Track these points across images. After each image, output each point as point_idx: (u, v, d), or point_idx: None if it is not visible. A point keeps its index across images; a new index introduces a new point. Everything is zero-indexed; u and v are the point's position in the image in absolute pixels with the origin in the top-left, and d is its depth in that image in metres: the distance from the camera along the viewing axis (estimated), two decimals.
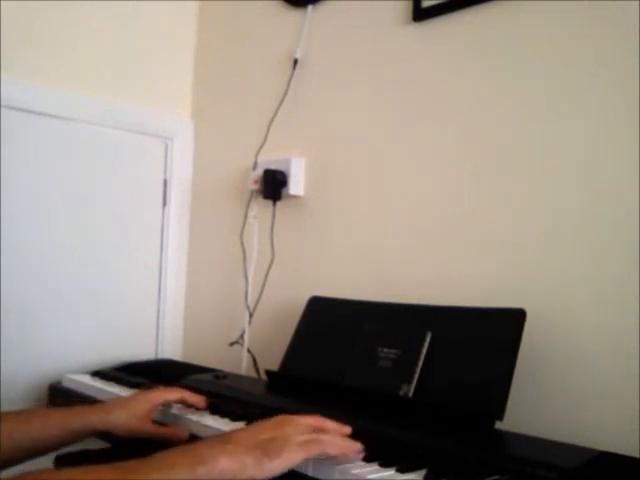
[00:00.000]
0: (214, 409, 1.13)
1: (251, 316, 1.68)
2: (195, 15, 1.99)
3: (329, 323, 1.37)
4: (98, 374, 1.53)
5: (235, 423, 1.05)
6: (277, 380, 1.34)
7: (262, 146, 1.70)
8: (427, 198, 1.38)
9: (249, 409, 1.12)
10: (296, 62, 1.66)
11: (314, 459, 0.83)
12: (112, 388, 1.38)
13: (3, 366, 1.59)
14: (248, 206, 1.74)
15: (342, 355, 1.27)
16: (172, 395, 1.13)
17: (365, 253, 1.49)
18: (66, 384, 1.52)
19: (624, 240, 1.08)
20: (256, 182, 1.69)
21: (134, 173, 1.86)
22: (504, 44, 1.27)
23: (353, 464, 0.85)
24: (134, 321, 1.86)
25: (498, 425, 1.00)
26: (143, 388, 1.29)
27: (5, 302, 1.60)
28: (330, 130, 1.59)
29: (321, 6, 1.64)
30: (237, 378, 1.44)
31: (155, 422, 1.09)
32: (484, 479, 0.81)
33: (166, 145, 1.92)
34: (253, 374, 1.62)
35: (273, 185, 1.63)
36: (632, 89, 1.09)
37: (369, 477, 0.81)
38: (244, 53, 1.85)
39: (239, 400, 1.20)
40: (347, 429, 0.89)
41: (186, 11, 1.97)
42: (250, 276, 1.70)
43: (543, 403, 1.14)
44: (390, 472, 0.83)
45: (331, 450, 0.82)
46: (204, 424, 1.06)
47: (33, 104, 1.66)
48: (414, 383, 1.13)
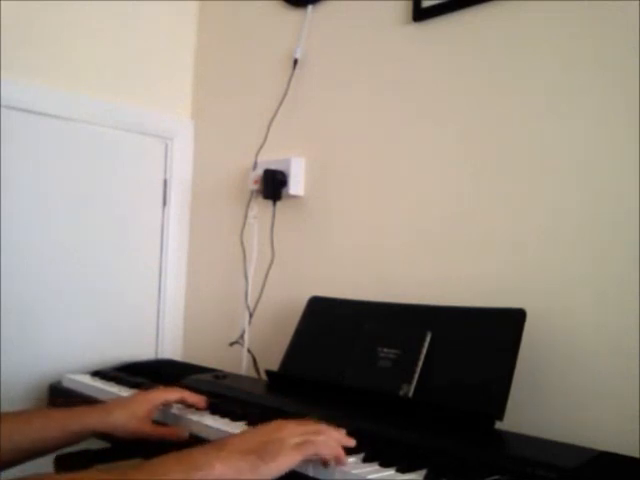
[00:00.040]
0: (214, 409, 1.13)
1: (251, 316, 1.68)
2: (195, 15, 1.99)
3: (329, 323, 1.37)
4: (98, 374, 1.53)
5: (235, 423, 1.05)
6: (277, 380, 1.34)
7: (262, 146, 1.70)
8: (427, 198, 1.38)
9: (249, 409, 1.12)
10: (296, 62, 1.66)
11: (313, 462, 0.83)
12: (112, 388, 1.38)
13: (3, 366, 1.59)
14: (248, 206, 1.74)
15: (342, 355, 1.27)
16: (172, 395, 1.13)
17: (365, 253, 1.49)
18: (66, 384, 1.52)
19: (624, 240, 1.08)
20: (256, 182, 1.69)
21: (134, 173, 1.86)
22: (504, 44, 1.27)
23: (353, 465, 0.85)
24: (134, 321, 1.86)
25: (498, 425, 1.01)
26: (143, 388, 1.29)
27: (5, 302, 1.60)
28: (330, 130, 1.59)
29: (321, 6, 1.64)
30: (237, 378, 1.44)
31: (155, 422, 1.09)
32: (484, 479, 0.81)
33: (166, 145, 1.92)
34: (253, 374, 1.62)
35: (273, 185, 1.63)
36: (632, 89, 1.09)
37: (369, 477, 0.81)
38: (244, 53, 1.85)
39: (239, 400, 1.20)
40: (344, 434, 0.88)
41: (186, 11, 1.97)
42: (250, 276, 1.70)
43: (543, 403, 1.14)
44: (390, 472, 0.83)
45: (325, 451, 0.82)
46: (204, 424, 1.06)
47: (33, 104, 1.66)
48: (414, 383, 1.13)
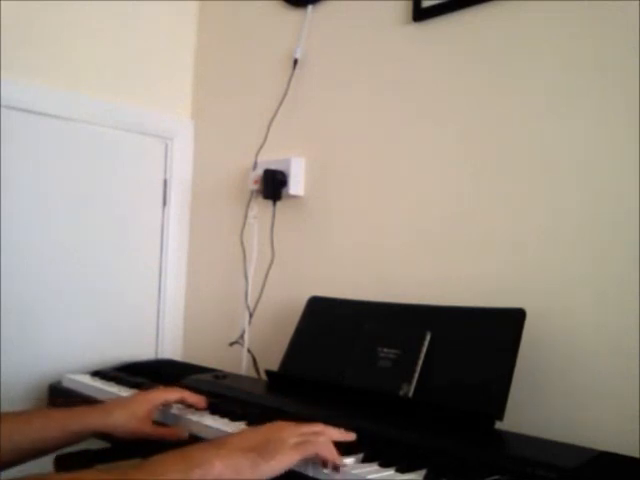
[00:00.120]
0: (214, 409, 1.13)
1: (251, 316, 1.68)
2: (195, 15, 1.99)
3: (329, 323, 1.37)
4: (98, 374, 1.53)
5: (235, 423, 1.05)
6: (277, 380, 1.34)
7: (262, 146, 1.70)
8: (427, 198, 1.38)
9: (249, 409, 1.12)
10: (296, 62, 1.66)
11: (313, 460, 0.83)
12: (112, 388, 1.38)
13: (3, 366, 1.59)
14: (248, 206, 1.74)
15: (342, 355, 1.27)
16: (172, 395, 1.13)
17: (365, 253, 1.49)
18: (66, 384, 1.52)
19: (624, 240, 1.08)
20: (256, 182, 1.69)
21: (134, 173, 1.86)
22: (504, 44, 1.27)
23: (352, 465, 0.85)
24: (134, 321, 1.86)
25: (498, 425, 1.00)
26: (143, 388, 1.29)
27: (5, 302, 1.60)
28: (330, 130, 1.59)
29: (321, 6, 1.64)
30: (237, 378, 1.44)
31: (155, 422, 1.09)
32: (484, 479, 0.81)
33: (166, 145, 1.92)
34: (253, 374, 1.62)
35: (273, 185, 1.63)
36: (632, 89, 1.09)
37: (369, 477, 0.81)
38: (244, 53, 1.85)
39: (239, 400, 1.20)
40: (343, 431, 0.89)
41: (186, 11, 1.97)
42: (250, 276, 1.70)
43: (543, 403, 1.14)
44: (390, 472, 0.83)
45: (324, 452, 0.82)
46: (204, 424, 1.06)
47: (33, 104, 1.66)
48: (414, 383, 1.13)
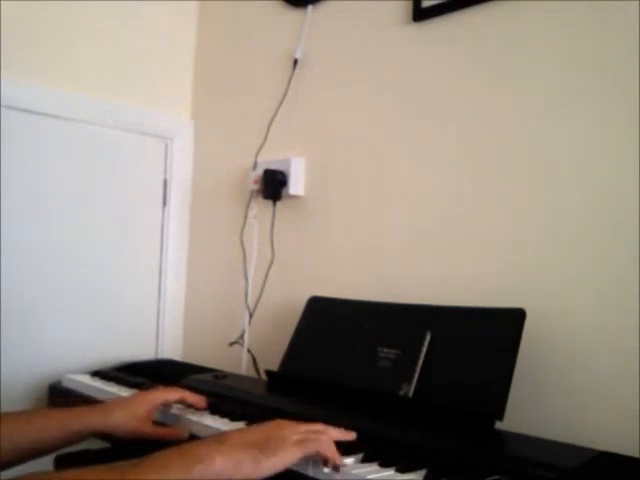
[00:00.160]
0: (214, 409, 1.13)
1: (251, 316, 1.68)
2: (195, 15, 1.99)
3: (329, 323, 1.37)
4: (98, 374, 1.53)
5: (235, 423, 1.05)
6: (277, 380, 1.34)
7: (262, 146, 1.70)
8: (427, 198, 1.38)
9: (249, 409, 1.12)
10: (296, 62, 1.66)
11: (313, 459, 0.83)
12: (112, 388, 1.38)
13: (3, 366, 1.59)
14: (248, 206, 1.74)
15: (342, 355, 1.27)
16: (172, 395, 1.13)
17: (365, 253, 1.49)
18: (66, 384, 1.52)
19: (624, 240, 1.08)
20: (256, 182, 1.69)
21: (134, 173, 1.86)
22: (504, 44, 1.27)
23: (352, 465, 0.85)
24: (134, 321, 1.86)
25: (498, 425, 1.00)
26: (143, 388, 1.29)
27: (5, 302, 1.60)
28: (330, 130, 1.59)
29: (321, 6, 1.64)
30: (237, 378, 1.44)
31: (155, 422, 1.09)
32: (484, 479, 0.81)
33: (166, 145, 1.92)
34: (253, 374, 1.62)
35: (273, 185, 1.63)
36: (632, 89, 1.09)
37: (369, 477, 0.81)
38: (244, 53, 1.85)
39: (239, 400, 1.20)
40: (344, 430, 0.89)
41: (186, 11, 1.97)
42: (250, 276, 1.70)
43: (543, 403, 1.14)
44: (390, 472, 0.83)
45: (326, 451, 0.82)
46: (204, 424, 1.06)
47: (33, 104, 1.66)
48: (414, 383, 1.13)
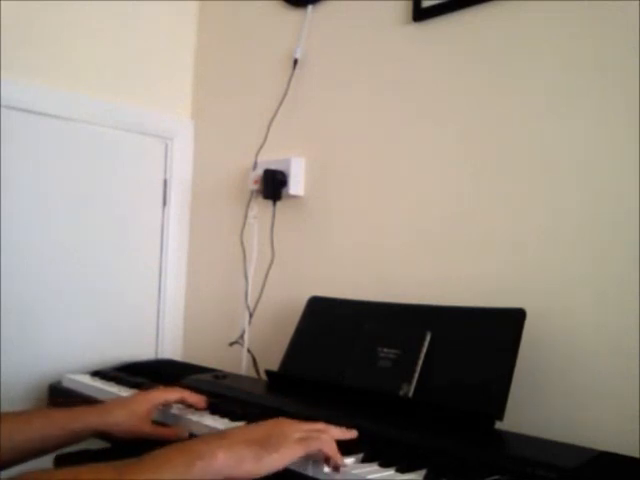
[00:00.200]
0: (214, 409, 1.13)
1: (251, 316, 1.68)
2: (195, 15, 1.99)
3: (329, 323, 1.37)
4: (98, 374, 1.53)
5: (235, 423, 1.05)
6: (277, 380, 1.34)
7: (262, 146, 1.70)
8: (427, 198, 1.38)
9: (249, 409, 1.12)
10: (296, 62, 1.66)
11: (313, 459, 0.83)
12: (112, 388, 1.38)
13: (3, 366, 1.59)
14: (248, 206, 1.74)
15: (342, 355, 1.27)
16: (172, 395, 1.13)
17: (365, 253, 1.49)
18: (66, 384, 1.52)
19: (624, 240, 1.08)
20: (256, 182, 1.69)
21: (134, 173, 1.86)
22: (504, 44, 1.27)
23: (352, 465, 0.85)
24: (134, 321, 1.86)
25: (498, 425, 1.00)
26: (143, 388, 1.29)
27: (5, 302, 1.60)
28: (330, 130, 1.59)
29: (321, 6, 1.64)
30: (237, 378, 1.44)
31: (155, 422, 1.09)
32: (484, 479, 0.81)
33: (166, 145, 1.92)
34: (253, 374, 1.62)
35: (273, 185, 1.63)
36: (632, 89, 1.09)
37: (369, 477, 0.81)
38: (244, 53, 1.85)
39: (239, 400, 1.20)
40: (345, 429, 0.89)
41: (186, 11, 1.97)
42: (250, 276, 1.70)
43: (543, 403, 1.14)
44: (390, 472, 0.83)
45: (328, 449, 0.82)
46: (204, 424, 1.06)
47: (33, 104, 1.66)
48: (414, 383, 1.13)
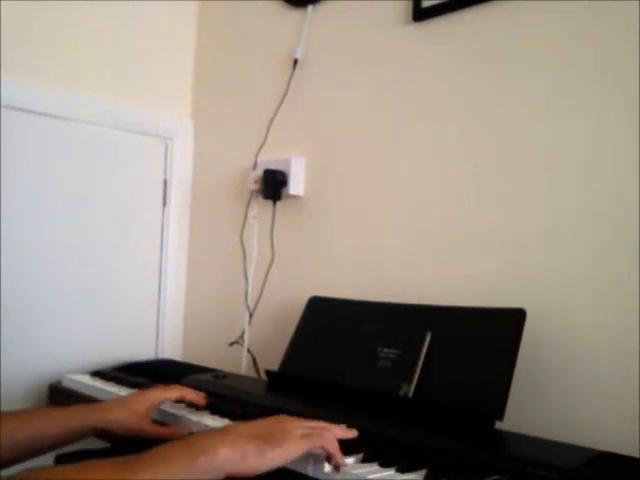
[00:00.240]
0: (214, 409, 1.13)
1: (251, 316, 1.68)
2: (195, 15, 1.99)
3: (329, 323, 1.37)
4: (98, 374, 1.53)
5: (235, 423, 1.05)
6: (277, 380, 1.34)
7: (262, 146, 1.70)
8: (427, 198, 1.38)
9: (249, 409, 1.12)
10: (296, 62, 1.66)
11: (314, 459, 0.83)
12: (112, 388, 1.38)
13: (3, 366, 1.59)
14: (248, 206, 1.74)
15: (342, 355, 1.27)
16: (171, 394, 1.12)
17: (365, 253, 1.49)
18: (66, 384, 1.52)
19: (624, 240, 1.08)
20: (256, 182, 1.69)
21: (134, 173, 1.86)
22: (504, 44, 1.27)
23: (352, 465, 0.85)
24: (134, 321, 1.86)
25: (498, 425, 1.00)
26: (143, 388, 1.29)
27: (5, 302, 1.60)
28: (330, 130, 1.59)
29: (321, 6, 1.64)
30: (237, 378, 1.44)
31: (155, 422, 1.09)
32: (484, 479, 0.81)
33: (166, 145, 1.92)
34: (253, 374, 1.62)
35: (273, 185, 1.63)
36: (632, 89, 1.09)
37: (369, 477, 0.81)
38: (244, 53, 1.85)
39: (239, 400, 1.20)
40: (345, 428, 0.89)
41: (186, 11, 1.97)
42: (250, 276, 1.70)
43: (543, 403, 1.14)
44: (390, 472, 0.83)
45: (329, 446, 0.82)
46: (204, 424, 1.06)
47: (33, 104, 1.66)
48: (414, 383, 1.13)
